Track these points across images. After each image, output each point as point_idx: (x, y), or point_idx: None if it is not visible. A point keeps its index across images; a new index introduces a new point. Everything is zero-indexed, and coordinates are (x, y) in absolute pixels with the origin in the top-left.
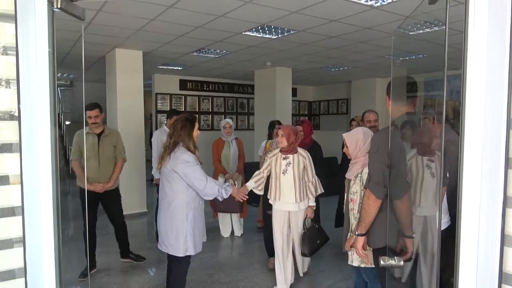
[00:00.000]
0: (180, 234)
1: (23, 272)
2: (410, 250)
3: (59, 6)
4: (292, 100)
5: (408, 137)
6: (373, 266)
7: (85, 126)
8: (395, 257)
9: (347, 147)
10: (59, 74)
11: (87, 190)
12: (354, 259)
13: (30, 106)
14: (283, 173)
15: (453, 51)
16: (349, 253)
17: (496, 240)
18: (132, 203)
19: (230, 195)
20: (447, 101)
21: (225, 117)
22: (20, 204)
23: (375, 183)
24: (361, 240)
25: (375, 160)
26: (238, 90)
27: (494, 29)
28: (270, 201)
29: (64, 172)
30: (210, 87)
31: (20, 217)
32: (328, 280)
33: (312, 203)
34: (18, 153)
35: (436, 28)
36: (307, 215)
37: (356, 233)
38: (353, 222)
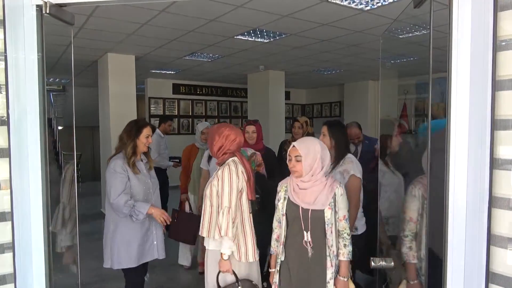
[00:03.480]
0: (107, 245)
1: (13, 277)
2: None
3: (48, 12)
4: (285, 103)
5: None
6: None
7: None
8: (386, 258)
9: (297, 161)
10: (51, 79)
11: None
12: None
13: (18, 111)
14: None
15: (442, 53)
16: None
17: (482, 240)
18: None
19: (181, 220)
20: (438, 103)
21: (218, 121)
22: (10, 210)
23: None
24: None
25: None
26: (231, 93)
27: (477, 32)
28: None
29: (57, 177)
30: (204, 91)
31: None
32: None
33: (225, 250)
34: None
35: (424, 32)
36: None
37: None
38: (332, 261)
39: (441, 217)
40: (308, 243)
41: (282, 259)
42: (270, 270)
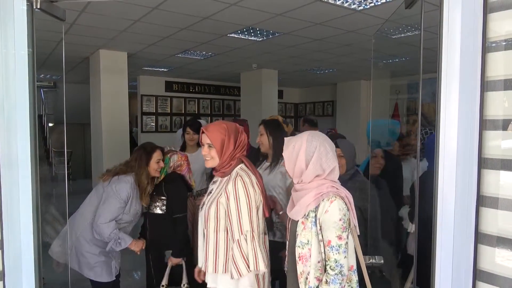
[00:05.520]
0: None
1: (1, 275)
2: None
3: (38, 7)
4: (278, 102)
5: None
6: None
7: None
8: (376, 256)
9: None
10: (42, 75)
11: None
12: None
13: (8, 107)
14: (201, 207)
15: (433, 54)
16: None
17: (470, 238)
18: None
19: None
20: (429, 103)
21: (211, 120)
22: None
23: None
24: None
25: None
26: (224, 92)
27: (467, 33)
28: None
29: (46, 174)
30: (196, 89)
31: None
32: None
33: (244, 285)
34: None
35: (416, 32)
36: None
37: None
38: None
39: (430, 215)
40: (285, 255)
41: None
42: None
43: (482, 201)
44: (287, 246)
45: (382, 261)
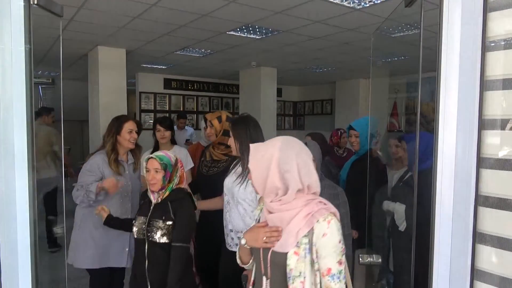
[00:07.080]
0: (72, 240)
1: None
2: None
3: (36, 3)
4: (277, 100)
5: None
6: None
7: None
8: (374, 255)
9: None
10: (40, 72)
11: None
12: None
13: (4, 104)
14: None
15: (432, 53)
16: None
17: (468, 237)
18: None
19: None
20: (428, 102)
21: None
22: None
23: None
24: None
25: None
26: (223, 89)
27: (467, 32)
28: None
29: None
30: (195, 86)
31: None
32: None
33: None
34: None
35: (415, 31)
36: None
37: None
38: None
39: (428, 215)
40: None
41: None
42: None
43: (480, 200)
44: (268, 281)
45: (380, 260)
